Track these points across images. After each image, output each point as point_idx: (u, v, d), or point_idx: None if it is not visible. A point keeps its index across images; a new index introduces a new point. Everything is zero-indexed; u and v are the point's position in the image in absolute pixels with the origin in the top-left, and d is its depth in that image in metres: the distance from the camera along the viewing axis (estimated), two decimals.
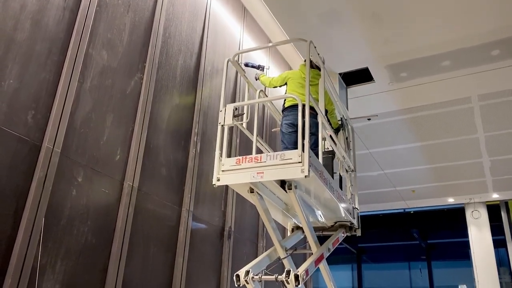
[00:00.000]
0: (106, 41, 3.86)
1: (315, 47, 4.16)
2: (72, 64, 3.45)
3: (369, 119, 9.14)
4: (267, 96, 4.90)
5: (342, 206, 4.20)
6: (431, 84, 7.70)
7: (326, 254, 4.06)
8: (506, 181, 11.48)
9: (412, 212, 15.60)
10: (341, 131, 5.10)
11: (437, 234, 18.45)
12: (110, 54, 3.88)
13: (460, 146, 9.86)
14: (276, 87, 4.75)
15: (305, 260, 6.60)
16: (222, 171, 3.59)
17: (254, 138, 3.99)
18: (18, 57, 3.07)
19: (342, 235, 4.61)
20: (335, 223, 4.68)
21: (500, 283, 12.78)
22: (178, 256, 4.33)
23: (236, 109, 3.80)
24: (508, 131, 9.00)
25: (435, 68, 7.26)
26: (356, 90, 8.05)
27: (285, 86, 4.62)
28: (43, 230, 3.03)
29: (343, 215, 4.41)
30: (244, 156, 3.54)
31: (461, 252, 19.01)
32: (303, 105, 3.54)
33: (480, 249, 12.67)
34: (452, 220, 16.52)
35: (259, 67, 4.92)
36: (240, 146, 5.69)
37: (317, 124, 3.95)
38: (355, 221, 4.72)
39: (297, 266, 3.96)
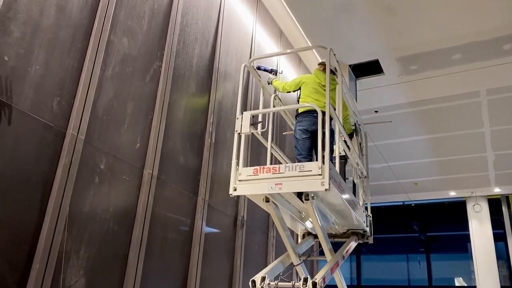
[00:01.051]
0: (126, 28, 3.83)
1: (334, 54, 4.06)
2: (95, 51, 3.43)
3: (376, 112, 9.17)
4: (280, 100, 4.79)
5: (356, 214, 4.20)
6: (441, 77, 7.71)
7: (341, 262, 4.07)
8: (509, 175, 11.55)
9: (413, 205, 15.70)
10: (354, 136, 5.05)
11: (436, 227, 18.58)
12: (130, 41, 3.86)
13: (465, 140, 9.90)
14: (289, 92, 4.60)
15: (312, 266, 6.68)
16: (239, 180, 3.53)
17: (268, 145, 3.90)
18: (43, 43, 3.05)
19: (355, 242, 4.61)
20: (348, 230, 4.68)
21: (498, 276, 12.94)
22: (194, 244, 4.35)
23: (252, 116, 3.74)
24: None
25: (446, 62, 7.27)
26: (365, 82, 8.05)
27: (298, 90, 4.51)
28: (68, 217, 3.04)
29: (356, 223, 4.41)
30: (262, 166, 3.50)
31: (459, 245, 19.18)
32: (323, 115, 3.48)
33: (481, 242, 12.79)
34: (452, 214, 16.65)
35: (271, 71, 4.72)
36: (252, 141, 5.63)
37: (332, 130, 3.89)
38: (368, 229, 4.72)
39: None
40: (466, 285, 19.46)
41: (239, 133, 3.71)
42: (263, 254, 5.81)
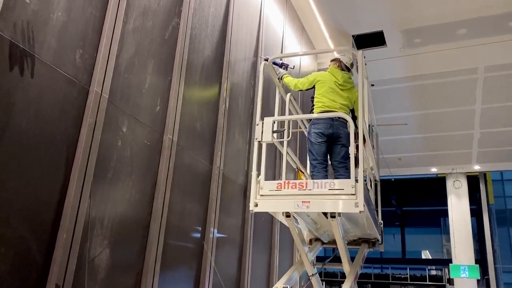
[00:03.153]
0: None
1: (364, 57, 3.76)
2: (117, 0, 3.09)
3: (372, 85, 9.07)
4: (295, 100, 4.43)
5: (372, 224, 4.06)
6: (442, 52, 7.65)
7: (359, 271, 3.98)
8: (490, 153, 11.86)
9: (393, 179, 15.98)
10: (367, 138, 4.83)
11: (412, 202, 19.08)
12: None
13: (455, 117, 10.01)
14: (302, 90, 4.23)
15: None
16: (261, 195, 3.21)
17: (284, 151, 3.57)
18: None
19: (367, 250, 4.51)
20: (359, 238, 4.57)
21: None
22: (210, 211, 4.16)
23: (274, 122, 3.37)
24: (505, 104, 9.17)
25: (450, 36, 7.19)
26: (365, 54, 7.87)
27: (312, 89, 4.14)
28: (92, 183, 2.77)
29: (369, 231, 4.28)
30: (286, 181, 3.19)
31: (433, 220, 19.85)
32: (353, 124, 3.26)
33: (458, 217, 13.21)
34: (428, 190, 17.10)
35: (282, 65, 4.28)
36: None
37: (349, 134, 3.54)
38: (380, 237, 4.62)
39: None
40: (430, 257, 20.31)
41: (260, 141, 3.34)
42: (269, 225, 5.70)
